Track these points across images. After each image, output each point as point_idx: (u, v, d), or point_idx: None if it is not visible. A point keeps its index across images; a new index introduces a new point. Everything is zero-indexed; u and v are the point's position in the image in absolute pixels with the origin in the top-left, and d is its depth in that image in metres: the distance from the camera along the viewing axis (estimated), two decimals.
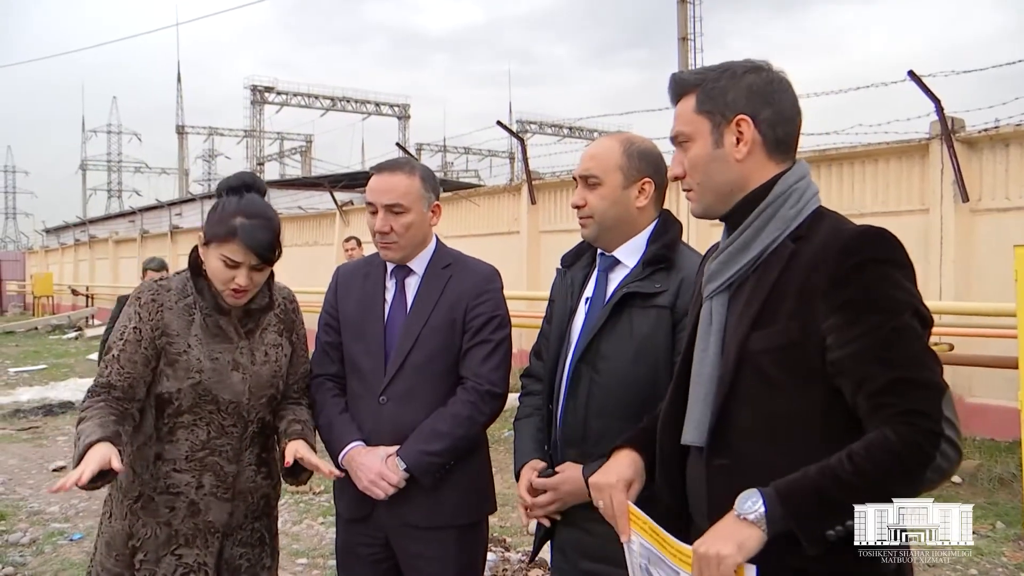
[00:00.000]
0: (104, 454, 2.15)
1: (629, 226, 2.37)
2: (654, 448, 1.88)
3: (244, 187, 2.49)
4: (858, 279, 1.53)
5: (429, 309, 2.62)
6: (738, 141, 1.69)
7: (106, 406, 2.33)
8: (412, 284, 2.69)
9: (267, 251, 2.40)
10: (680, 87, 1.77)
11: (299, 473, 2.50)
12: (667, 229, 2.38)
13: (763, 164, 1.70)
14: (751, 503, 1.50)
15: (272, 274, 2.57)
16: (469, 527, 2.67)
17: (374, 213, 2.63)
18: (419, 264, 2.69)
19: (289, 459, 2.41)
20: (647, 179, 2.37)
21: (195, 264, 2.48)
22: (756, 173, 1.70)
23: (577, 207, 2.36)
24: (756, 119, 1.68)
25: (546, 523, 2.33)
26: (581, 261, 2.49)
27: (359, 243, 10.38)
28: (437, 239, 2.77)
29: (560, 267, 2.55)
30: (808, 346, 1.56)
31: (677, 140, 1.77)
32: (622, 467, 1.87)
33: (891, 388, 1.48)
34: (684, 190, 1.79)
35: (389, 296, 2.70)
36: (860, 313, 1.52)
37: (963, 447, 1.52)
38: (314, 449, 2.48)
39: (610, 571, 2.17)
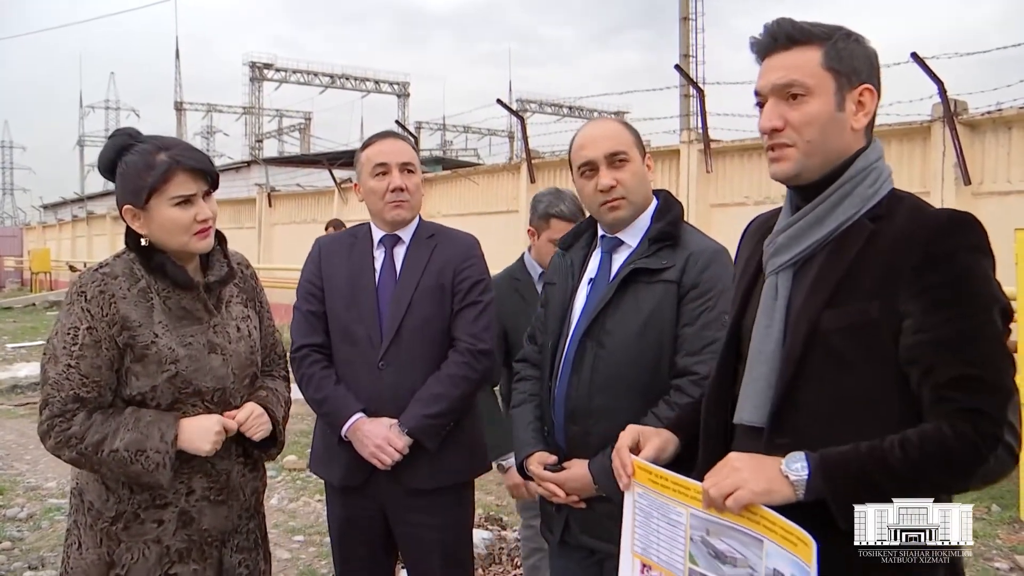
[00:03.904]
0: (211, 424, 2.10)
1: (647, 203, 2.39)
2: (690, 429, 1.87)
3: (132, 138, 2.16)
4: (948, 266, 1.48)
5: (418, 275, 2.71)
6: (857, 110, 1.62)
7: (102, 414, 2.06)
8: (400, 252, 2.77)
9: (212, 168, 2.15)
10: (798, 35, 1.62)
11: (268, 445, 2.32)
12: (670, 208, 2.40)
13: (861, 138, 1.64)
14: (799, 466, 1.49)
15: (225, 239, 2.31)
16: (464, 486, 2.80)
17: (383, 174, 2.72)
18: (406, 233, 2.78)
19: (231, 426, 2.17)
20: (649, 155, 2.40)
21: (138, 245, 2.16)
22: (855, 145, 1.63)
23: (609, 188, 2.29)
24: (877, 92, 1.63)
25: (581, 505, 2.31)
26: (579, 242, 2.49)
27: (338, 227, 10.28)
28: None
29: (558, 250, 2.55)
30: (885, 327, 1.51)
31: (789, 90, 1.61)
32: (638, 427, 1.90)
33: (959, 383, 1.45)
34: (778, 144, 1.64)
35: (378, 265, 2.76)
36: (944, 301, 1.47)
37: (1020, 454, 1.48)
38: (278, 420, 2.31)
39: (610, 548, 2.22)
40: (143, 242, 2.16)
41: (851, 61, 1.60)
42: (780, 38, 1.63)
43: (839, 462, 1.48)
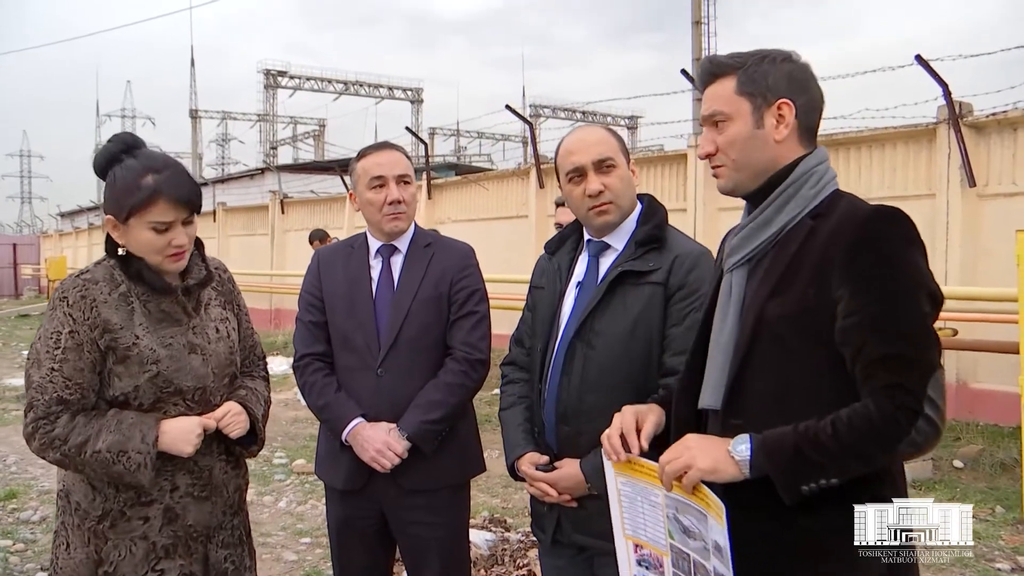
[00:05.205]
0: (191, 426, 2.15)
1: (632, 207, 2.44)
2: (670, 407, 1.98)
3: (128, 148, 2.19)
4: (872, 253, 1.61)
5: (416, 284, 2.77)
6: (778, 123, 1.76)
7: (85, 417, 2.11)
8: (397, 262, 2.83)
9: (196, 198, 2.16)
10: (716, 69, 1.82)
11: (249, 443, 2.38)
12: (655, 211, 2.44)
13: (794, 147, 1.78)
14: (743, 447, 1.64)
15: (202, 244, 2.35)
16: (460, 487, 2.86)
17: (380, 187, 2.77)
18: (403, 243, 2.84)
19: (210, 425, 2.21)
20: (633, 160, 2.45)
21: (116, 251, 2.21)
22: (787, 155, 1.78)
23: (598, 193, 2.35)
24: (795, 104, 1.77)
25: (573, 504, 2.36)
26: (565, 246, 2.54)
27: (322, 239, 10.29)
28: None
29: (544, 253, 2.60)
30: (821, 314, 1.64)
31: (712, 119, 1.81)
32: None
33: (882, 362, 1.56)
34: (714, 166, 1.85)
35: (375, 274, 2.82)
36: (869, 286, 1.59)
37: (943, 426, 1.59)
38: (257, 418, 2.36)
39: (601, 545, 2.28)
40: (120, 251, 2.20)
41: (764, 82, 1.77)
42: (705, 75, 1.85)
43: (778, 442, 1.61)
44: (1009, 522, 5.36)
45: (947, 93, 7.86)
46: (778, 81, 1.76)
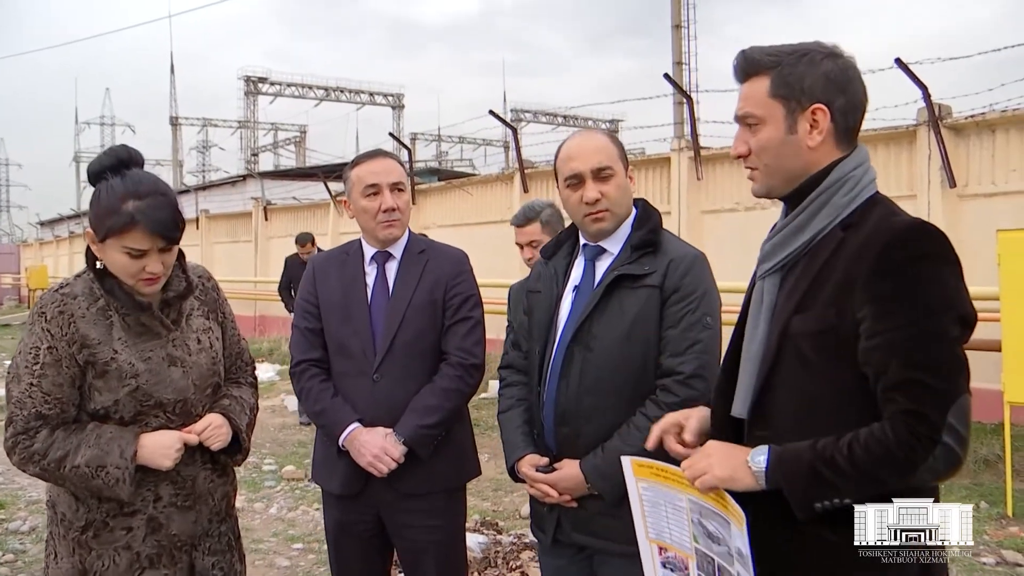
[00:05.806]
0: (171, 441, 2.14)
1: (628, 213, 2.47)
2: None
3: (121, 164, 2.15)
4: (898, 273, 1.54)
5: (411, 290, 2.79)
6: (811, 128, 1.69)
7: (64, 431, 2.12)
8: (392, 268, 2.85)
9: (173, 231, 2.13)
10: (752, 67, 1.74)
11: (234, 451, 2.37)
12: (649, 216, 2.47)
13: (830, 151, 1.71)
14: (760, 459, 1.62)
15: (182, 253, 2.30)
16: (456, 491, 2.89)
17: (375, 195, 2.79)
18: (397, 249, 2.87)
19: (191, 439, 2.21)
20: (631, 168, 2.49)
21: (94, 263, 2.19)
22: (821, 160, 1.71)
23: (594, 201, 2.38)
24: (831, 107, 1.68)
25: (573, 504, 2.39)
26: (561, 251, 2.57)
27: (312, 242, 10.27)
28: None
29: (541, 259, 2.63)
30: (844, 332, 1.59)
31: (745, 121, 1.75)
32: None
33: (902, 386, 1.52)
34: (748, 167, 1.79)
35: (370, 280, 2.84)
36: (892, 308, 1.54)
37: (965, 455, 1.54)
38: (241, 428, 2.36)
39: (601, 544, 2.35)
40: (99, 264, 2.20)
41: (800, 84, 1.68)
42: (738, 72, 1.77)
43: (793, 457, 1.59)
44: (993, 517, 5.46)
45: (927, 96, 7.96)
46: (814, 83, 1.67)
